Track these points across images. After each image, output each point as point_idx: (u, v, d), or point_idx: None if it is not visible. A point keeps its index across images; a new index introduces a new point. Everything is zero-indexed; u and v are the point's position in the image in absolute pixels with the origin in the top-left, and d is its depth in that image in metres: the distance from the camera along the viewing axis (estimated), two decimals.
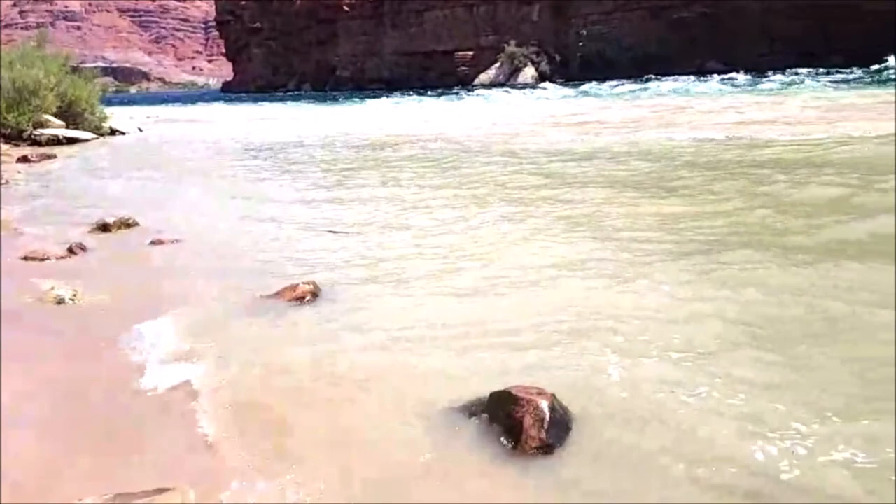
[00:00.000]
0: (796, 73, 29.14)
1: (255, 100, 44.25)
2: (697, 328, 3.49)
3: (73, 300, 4.35)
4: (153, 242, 6.03)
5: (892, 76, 25.40)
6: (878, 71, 28.65)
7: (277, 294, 4.37)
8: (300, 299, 4.29)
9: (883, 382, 2.85)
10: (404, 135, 15.90)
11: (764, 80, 26.74)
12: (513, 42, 52.68)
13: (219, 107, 42.53)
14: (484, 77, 54.48)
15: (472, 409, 2.80)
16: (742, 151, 9.40)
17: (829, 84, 23.53)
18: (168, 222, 6.91)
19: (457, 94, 33.16)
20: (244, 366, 3.38)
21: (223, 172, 11.30)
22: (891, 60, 30.31)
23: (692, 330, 3.47)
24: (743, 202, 6.21)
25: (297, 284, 4.42)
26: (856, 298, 3.71)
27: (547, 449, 2.52)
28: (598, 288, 4.18)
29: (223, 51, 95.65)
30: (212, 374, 3.30)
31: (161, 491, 2.28)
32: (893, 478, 2.27)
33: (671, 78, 31.76)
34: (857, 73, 28.34)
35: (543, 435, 2.54)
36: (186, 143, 17.86)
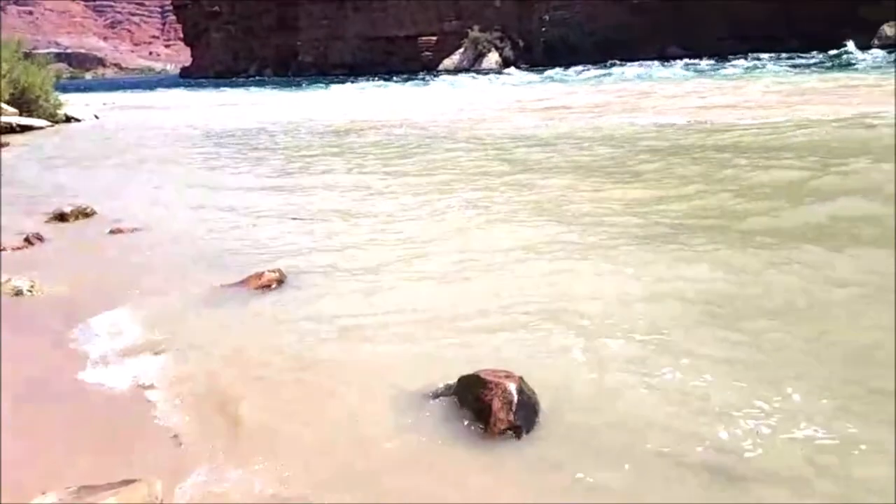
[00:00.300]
0: (758, 58, 29.55)
1: (217, 85, 43.57)
2: (661, 309, 3.55)
3: (30, 292, 4.26)
4: (112, 232, 5.93)
5: (853, 60, 25.90)
6: (838, 55, 29.19)
7: (242, 282, 4.33)
8: (266, 287, 4.26)
9: (841, 361, 2.94)
10: (369, 120, 15.81)
11: (726, 64, 27.08)
12: (476, 27, 52.59)
13: (178, 93, 41.82)
14: (448, 62, 54.31)
15: (442, 393, 2.81)
16: (704, 136, 9.53)
17: (790, 68, 23.94)
18: (127, 211, 6.80)
19: (423, 79, 33.02)
20: (206, 356, 3.35)
21: (183, 160, 11.13)
22: (850, 45, 30.88)
23: (656, 311, 3.53)
24: (704, 186, 6.31)
25: (263, 273, 4.39)
26: (815, 279, 3.80)
27: (516, 430, 2.55)
28: (563, 271, 4.22)
29: (181, 35, 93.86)
30: (173, 365, 3.27)
31: (127, 483, 2.25)
32: (855, 452, 2.34)
33: (636, 63, 31.99)
34: (818, 57, 28.83)
35: (512, 417, 2.56)
36: (145, 129, 17.54)
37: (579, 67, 33.51)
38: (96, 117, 21.86)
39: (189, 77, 77.55)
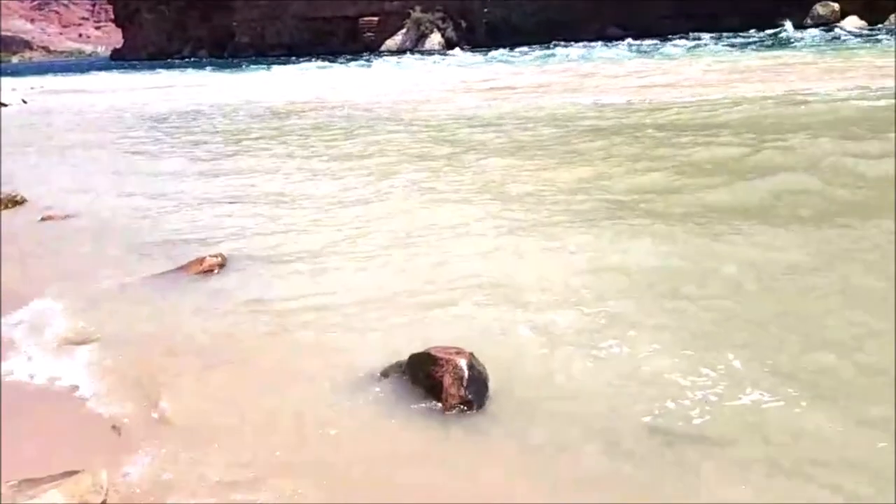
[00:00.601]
0: (699, 38, 30.06)
1: (151, 67, 42.23)
2: (605, 284, 3.61)
3: None
4: (44, 219, 5.74)
5: (791, 39, 26.56)
6: (776, 34, 29.91)
7: (182, 268, 4.24)
8: (208, 272, 4.18)
9: (785, 330, 3.03)
10: (311, 102, 15.57)
11: (668, 44, 27.52)
12: (418, 8, 52.17)
13: (111, 75, 40.44)
14: (391, 43, 53.77)
15: (393, 372, 2.82)
16: (645, 115, 9.67)
17: (730, 47, 24.45)
18: (59, 197, 6.57)
19: (367, 60, 32.63)
20: (142, 344, 3.28)
21: (117, 145, 10.80)
22: (787, 24, 31.62)
23: (600, 286, 3.59)
24: (646, 164, 6.42)
25: (204, 258, 4.31)
26: (757, 253, 3.91)
27: (467, 405, 2.58)
28: (508, 250, 4.25)
29: (112, 17, 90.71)
30: (108, 355, 3.19)
31: (70, 474, 2.19)
32: (801, 416, 2.42)
33: (579, 44, 32.21)
34: (758, 36, 29.50)
35: (463, 392, 2.60)
36: (76, 114, 16.95)
37: (523, 48, 33.56)
38: (24, 102, 21.03)
39: (121, 59, 74.95)
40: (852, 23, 31.57)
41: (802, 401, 2.50)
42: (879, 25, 29.56)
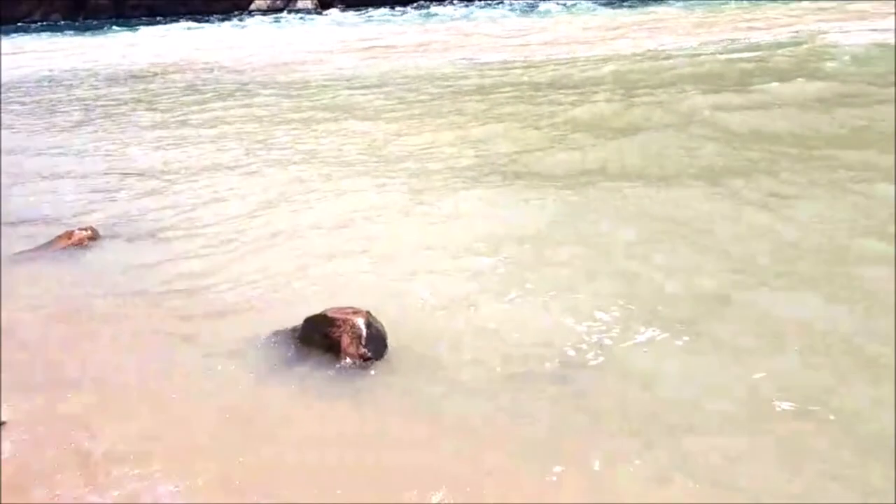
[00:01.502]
0: None
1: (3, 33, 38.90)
2: (490, 243, 3.76)
3: None
4: None
5: None
6: None
7: (49, 244, 4.05)
8: (77, 245, 4.02)
9: (656, 278, 3.25)
10: (180, 64, 14.87)
11: (549, 2, 27.97)
12: None
13: None
14: (260, 2, 51.89)
15: (287, 336, 2.86)
16: (522, 73, 9.87)
17: (607, 5, 25.11)
18: None
19: (240, 20, 31.40)
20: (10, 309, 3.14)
21: None
22: None
23: (486, 245, 3.74)
24: (525, 123, 6.60)
25: (73, 231, 4.15)
26: (630, 208, 4.15)
27: (366, 362, 2.67)
28: (394, 211, 4.33)
29: None
30: None
31: None
32: (695, 353, 2.63)
33: (461, 3, 32.17)
34: None
35: (362, 350, 2.68)
36: None
37: (404, 7, 33.20)
38: None
39: None
40: None
41: (694, 342, 2.73)
42: None
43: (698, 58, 9.65)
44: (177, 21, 31.91)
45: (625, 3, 24.08)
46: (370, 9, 34.26)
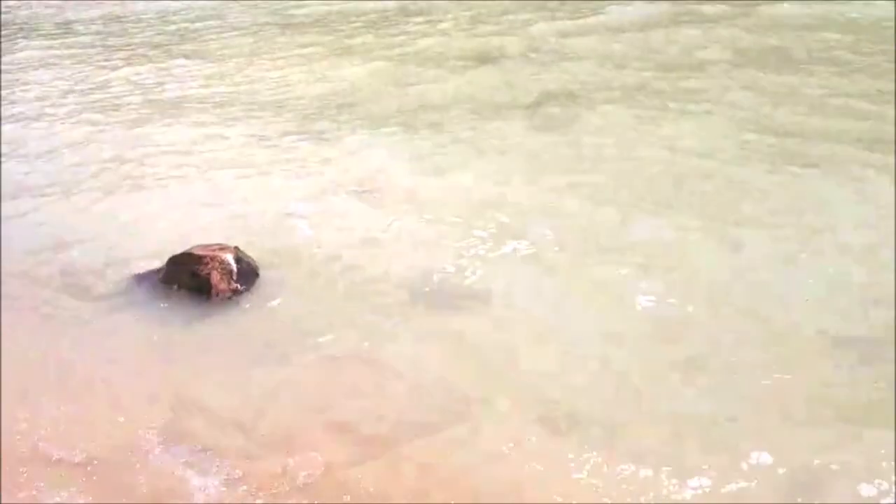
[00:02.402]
0: None
1: None
2: (349, 175, 3.82)
3: None
4: None
5: None
6: None
7: None
8: None
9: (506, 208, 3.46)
10: None
11: None
12: None
13: None
14: None
15: (149, 277, 2.83)
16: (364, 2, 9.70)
17: None
18: None
19: None
20: None
21: None
22: None
23: (345, 176, 3.80)
24: (374, 54, 6.50)
25: None
26: (487, 143, 4.31)
27: (237, 295, 2.70)
28: (244, 152, 4.29)
29: None
30: None
31: None
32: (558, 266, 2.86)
33: None
34: None
35: (233, 285, 2.71)
36: None
37: None
38: None
39: None
40: None
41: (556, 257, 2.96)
42: None
43: None
44: None
45: None
46: None
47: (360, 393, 2.27)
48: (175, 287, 2.75)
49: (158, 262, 2.88)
